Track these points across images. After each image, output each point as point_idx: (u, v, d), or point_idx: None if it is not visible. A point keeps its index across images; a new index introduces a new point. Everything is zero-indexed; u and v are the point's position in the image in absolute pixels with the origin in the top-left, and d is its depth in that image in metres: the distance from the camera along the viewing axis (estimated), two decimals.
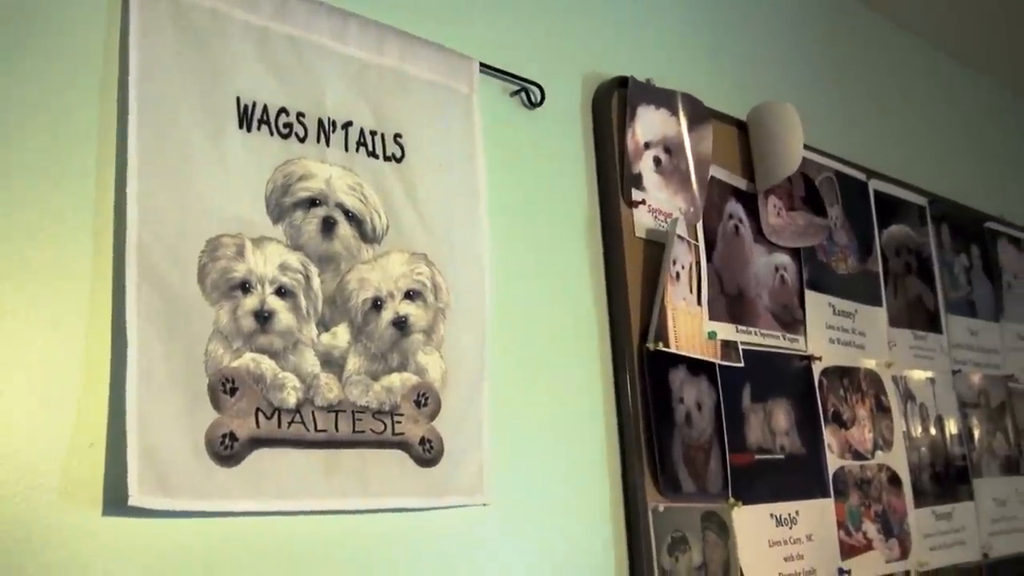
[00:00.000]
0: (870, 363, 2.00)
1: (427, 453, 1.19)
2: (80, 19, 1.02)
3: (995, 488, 2.28)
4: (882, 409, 2.00)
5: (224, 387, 1.03)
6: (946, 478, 2.14)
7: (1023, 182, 2.93)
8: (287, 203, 1.13)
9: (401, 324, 1.20)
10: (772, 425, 1.72)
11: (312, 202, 1.15)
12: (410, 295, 1.22)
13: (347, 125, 1.21)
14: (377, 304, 1.19)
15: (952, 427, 2.20)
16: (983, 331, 2.41)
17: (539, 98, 1.48)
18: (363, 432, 1.14)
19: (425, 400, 1.21)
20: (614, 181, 1.55)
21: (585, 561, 1.39)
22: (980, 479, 2.24)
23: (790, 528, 1.69)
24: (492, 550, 1.27)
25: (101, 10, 1.03)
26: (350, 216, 1.18)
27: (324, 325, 1.14)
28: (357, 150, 1.21)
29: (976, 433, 2.28)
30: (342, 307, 1.16)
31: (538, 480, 1.35)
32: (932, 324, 2.24)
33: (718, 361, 1.63)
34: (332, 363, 1.14)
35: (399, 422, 1.17)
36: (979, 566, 2.15)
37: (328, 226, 1.16)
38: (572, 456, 1.41)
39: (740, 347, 1.69)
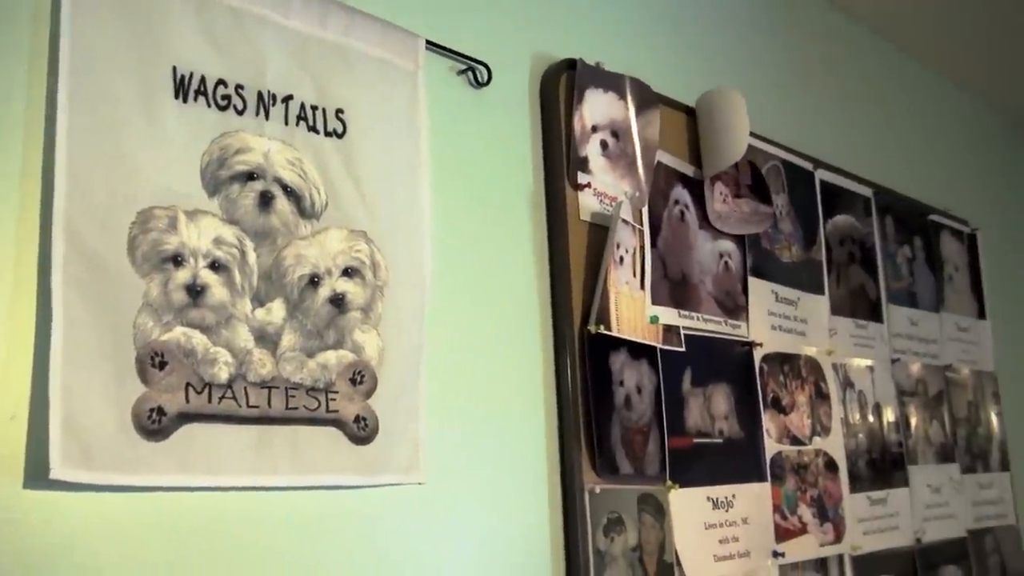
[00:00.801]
0: (811, 350, 2.03)
1: (362, 431, 1.19)
2: None
3: (930, 475, 2.33)
4: (821, 396, 2.03)
5: (153, 361, 1.02)
6: (882, 465, 2.18)
7: (968, 176, 2.98)
8: (223, 176, 1.12)
9: (338, 301, 1.20)
10: (711, 409, 1.74)
11: (249, 176, 1.14)
12: (348, 272, 1.21)
13: (287, 99, 1.20)
14: (314, 281, 1.18)
15: (889, 415, 2.24)
16: (923, 321, 2.46)
17: (486, 78, 1.47)
18: (296, 409, 1.13)
19: (361, 378, 1.20)
20: (560, 163, 1.55)
21: (521, 541, 1.40)
22: (915, 466, 2.29)
23: (726, 511, 1.71)
24: (427, 529, 1.27)
25: None
26: (288, 191, 1.17)
27: (259, 300, 1.13)
28: (297, 124, 1.20)
29: (913, 421, 2.33)
30: (278, 283, 1.15)
31: (475, 460, 1.36)
32: (873, 313, 2.28)
33: (659, 345, 1.65)
34: (266, 339, 1.13)
35: (334, 399, 1.17)
36: (911, 550, 2.20)
37: (265, 201, 1.15)
38: (510, 437, 1.41)
39: (682, 332, 1.71)
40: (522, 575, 1.39)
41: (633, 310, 1.61)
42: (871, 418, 2.18)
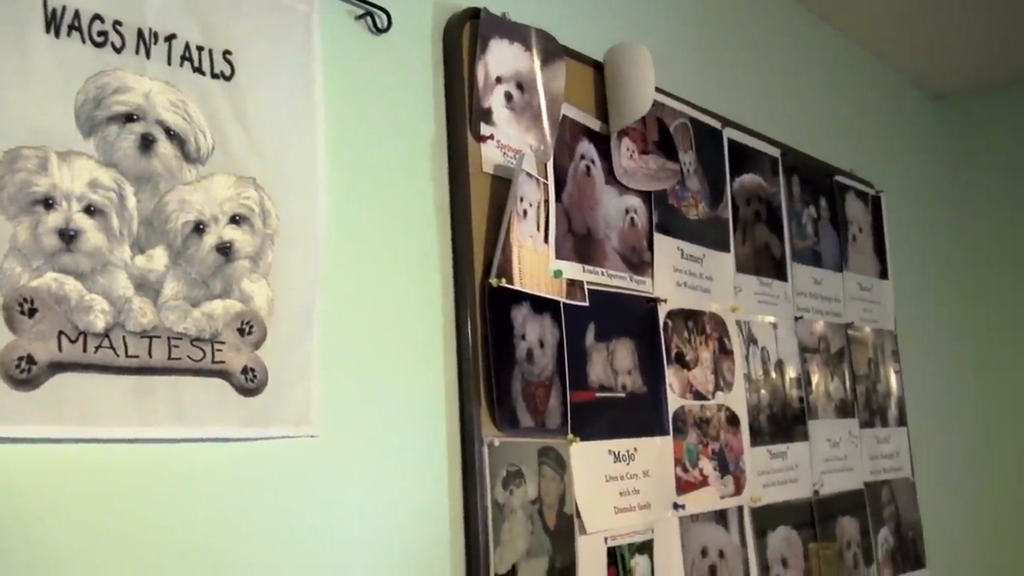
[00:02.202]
0: (715, 307, 2.06)
1: (249, 382, 1.16)
2: None
3: (829, 429, 2.40)
4: (725, 352, 2.06)
5: (22, 308, 0.97)
6: (783, 419, 2.23)
7: (875, 141, 3.05)
8: (100, 117, 1.07)
9: (225, 249, 1.16)
10: (615, 364, 1.75)
11: (128, 117, 1.09)
12: (236, 220, 1.17)
13: (170, 38, 1.15)
14: (199, 228, 1.14)
15: (792, 371, 2.29)
16: (827, 280, 2.51)
17: (386, 24, 1.44)
18: (179, 359, 1.10)
19: (249, 328, 1.17)
20: (462, 114, 1.53)
21: (419, 495, 1.39)
22: (816, 421, 2.35)
23: (627, 464, 1.73)
24: (321, 483, 1.26)
25: None
26: (171, 134, 1.13)
27: (139, 247, 1.09)
28: (181, 65, 1.15)
29: (814, 377, 2.38)
30: (160, 229, 1.11)
31: (371, 413, 1.34)
32: (778, 272, 2.32)
33: (563, 299, 1.65)
34: (147, 287, 1.09)
35: (220, 350, 1.14)
36: (809, 502, 2.26)
37: (146, 143, 1.10)
38: (408, 390, 1.40)
39: (586, 286, 1.71)
40: (420, 528, 1.38)
41: (536, 264, 1.60)
42: (773, 374, 2.23)
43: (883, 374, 2.71)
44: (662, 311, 1.90)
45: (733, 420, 2.05)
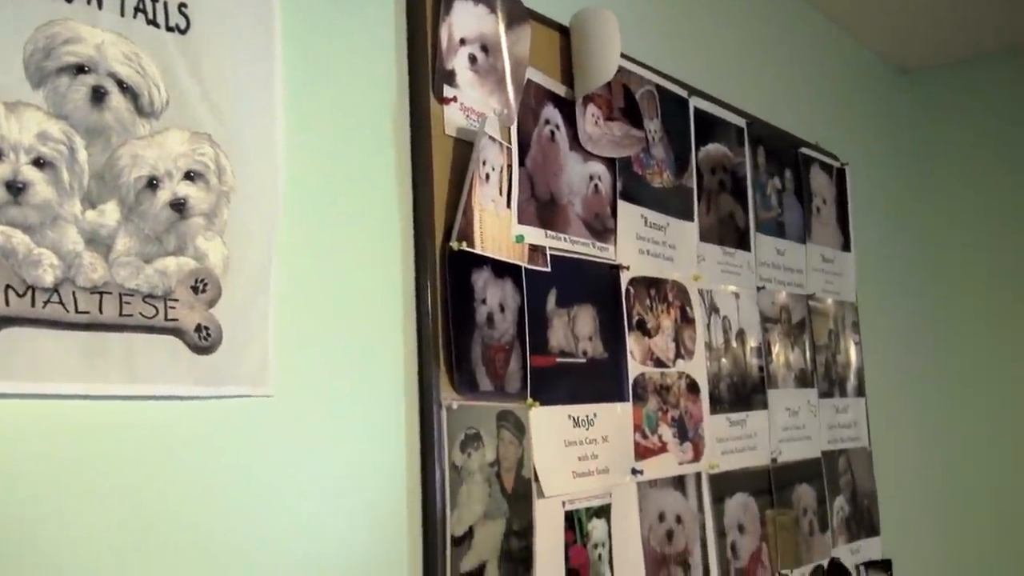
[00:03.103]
0: (678, 275, 2.07)
1: (203, 340, 1.15)
2: None
3: (788, 399, 2.43)
4: (686, 320, 2.07)
5: None
6: (743, 388, 2.25)
7: (841, 113, 3.06)
8: (50, 67, 1.05)
9: (179, 206, 1.14)
10: (576, 330, 1.76)
11: (80, 69, 1.07)
12: (190, 176, 1.16)
13: None
14: (153, 183, 1.12)
15: (753, 340, 2.31)
16: (790, 251, 2.53)
17: None
18: (131, 316, 1.08)
19: (204, 286, 1.16)
20: (425, 76, 1.51)
21: (376, 456, 1.39)
22: (775, 390, 2.37)
23: (587, 429, 1.74)
24: (277, 443, 1.25)
25: None
26: (124, 87, 1.11)
27: (90, 202, 1.07)
28: (135, 16, 1.13)
29: (775, 347, 2.41)
30: (112, 184, 1.09)
31: (329, 374, 1.34)
32: (741, 242, 2.33)
33: (524, 264, 1.64)
34: (98, 242, 1.07)
35: (173, 307, 1.12)
36: (767, 469, 2.29)
37: (98, 96, 1.08)
38: (366, 352, 1.40)
39: (548, 252, 1.71)
40: (376, 490, 1.38)
41: (498, 228, 1.60)
42: (734, 343, 2.24)
43: (843, 345, 2.74)
44: (624, 278, 1.90)
45: (693, 388, 2.06)
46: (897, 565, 2.77)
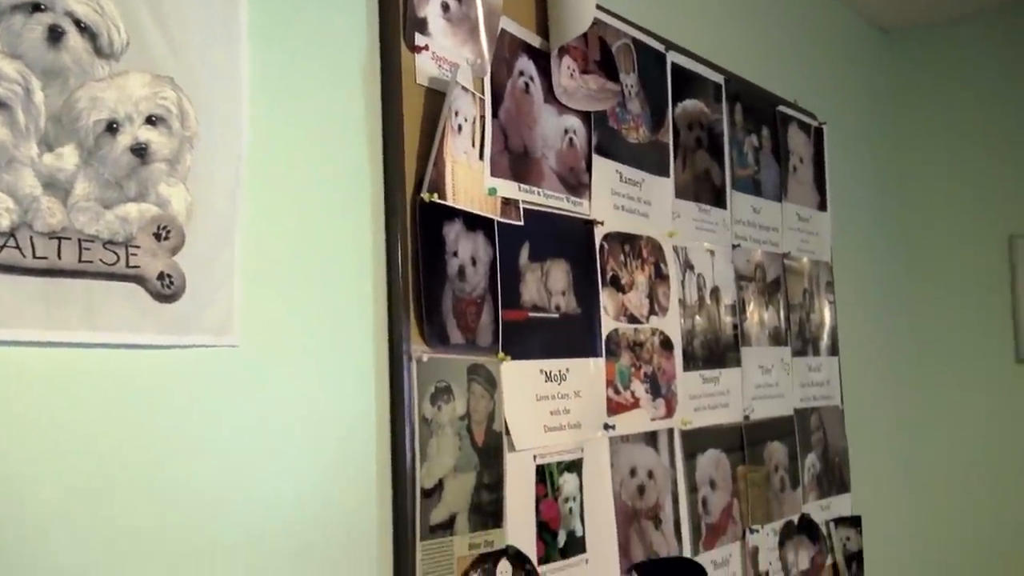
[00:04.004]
0: (653, 232, 2.06)
1: (166, 289, 1.13)
2: None
3: (762, 357, 2.43)
4: (661, 276, 2.07)
5: None
6: (716, 345, 2.25)
7: (820, 72, 3.04)
8: (3, 5, 1.01)
9: (140, 151, 1.12)
10: (549, 284, 1.75)
11: (35, 7, 1.03)
12: (152, 120, 1.13)
13: None
14: (112, 127, 1.10)
15: (727, 298, 2.31)
16: (765, 210, 2.53)
17: None
18: (91, 263, 1.06)
19: (166, 233, 1.14)
20: (396, 24, 1.48)
21: (345, 408, 1.38)
22: (749, 348, 2.38)
23: (559, 384, 1.74)
24: (243, 393, 1.24)
25: None
26: (82, 27, 1.07)
27: (47, 145, 1.04)
28: None
29: (749, 305, 2.41)
30: (70, 127, 1.06)
31: (297, 325, 1.32)
32: (717, 199, 2.32)
33: (497, 218, 1.63)
34: (56, 186, 1.04)
35: (135, 254, 1.10)
36: (739, 426, 2.30)
37: (55, 35, 1.05)
38: (335, 303, 1.38)
39: (521, 206, 1.69)
40: (345, 442, 1.37)
41: (471, 180, 1.58)
42: (709, 301, 2.24)
43: (817, 304, 2.75)
44: (598, 233, 1.89)
45: (667, 344, 2.06)
46: (866, 522, 2.80)
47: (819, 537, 2.58)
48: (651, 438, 1.99)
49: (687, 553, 2.05)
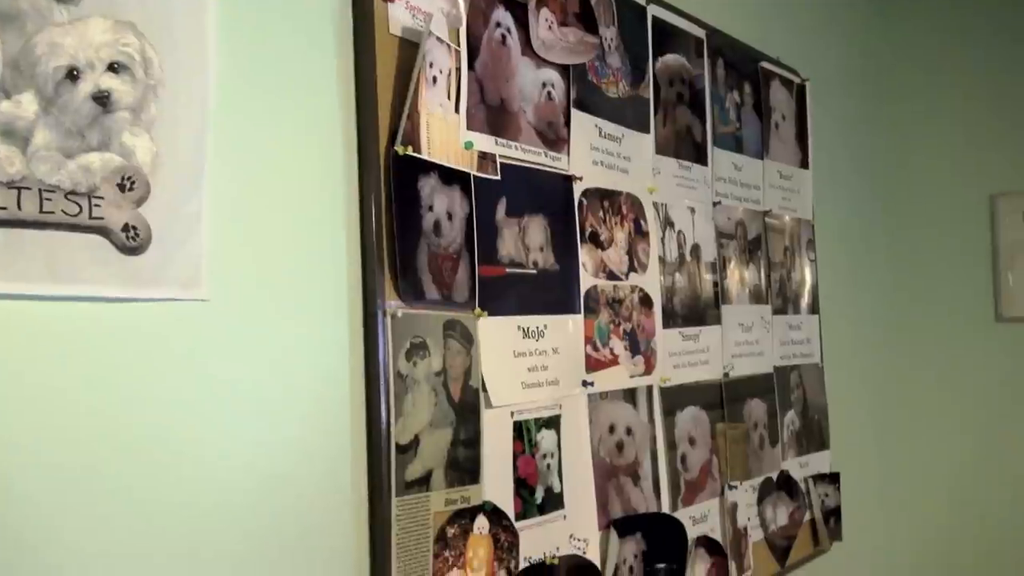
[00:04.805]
0: (633, 188, 2.04)
1: (131, 240, 1.10)
2: None
3: (742, 314, 2.43)
4: (640, 233, 2.05)
5: None
6: (696, 303, 2.25)
7: (802, 26, 3.01)
8: None
9: (102, 99, 1.09)
10: (526, 240, 1.73)
11: None
12: (114, 68, 1.10)
13: None
14: (73, 74, 1.07)
15: (707, 255, 2.30)
16: (747, 167, 2.51)
17: None
18: (53, 213, 1.04)
19: (131, 184, 1.11)
20: None
21: (318, 365, 1.36)
22: (729, 305, 2.38)
23: (536, 340, 1.72)
24: (212, 348, 1.22)
25: None
26: None
27: (4, 91, 1.01)
28: None
29: (730, 263, 2.40)
30: (28, 73, 1.03)
31: (268, 279, 1.30)
32: (698, 155, 2.30)
33: (473, 172, 1.61)
34: (14, 135, 1.01)
35: (98, 206, 1.08)
36: (719, 384, 2.30)
37: None
38: (308, 258, 1.36)
39: (498, 160, 1.67)
40: (319, 399, 1.36)
41: (446, 134, 1.56)
42: (689, 258, 2.23)
43: (798, 262, 2.74)
44: (577, 189, 1.87)
45: (646, 301, 2.05)
46: (844, 479, 2.82)
47: (797, 493, 2.60)
48: (630, 395, 1.98)
49: (666, 509, 2.05)
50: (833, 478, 2.76)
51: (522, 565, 1.64)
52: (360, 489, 1.41)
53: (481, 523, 1.56)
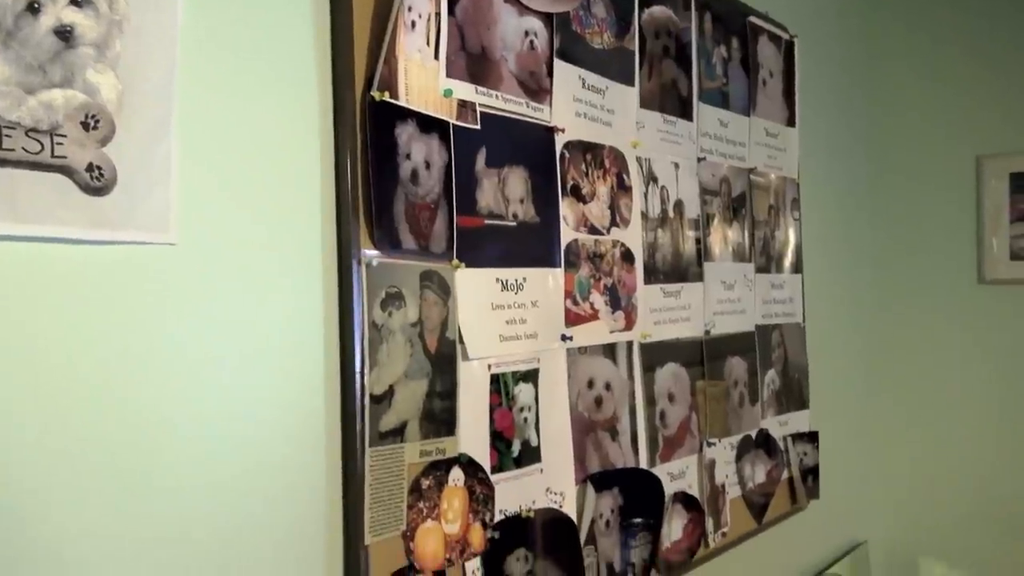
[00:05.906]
0: (616, 141, 2.01)
1: (96, 181, 1.08)
2: None
3: (725, 272, 2.42)
4: (623, 188, 2.03)
5: None
6: (679, 259, 2.23)
7: None
8: None
9: (64, 34, 1.05)
10: (506, 192, 1.70)
11: None
12: (77, 1, 1.06)
13: None
14: (34, 7, 1.03)
15: (691, 212, 2.28)
16: (733, 123, 2.48)
17: None
18: (13, 151, 1.00)
19: (95, 123, 1.08)
20: None
21: (292, 311, 1.34)
22: (712, 263, 2.36)
23: (515, 294, 1.71)
24: (181, 294, 1.19)
25: None
26: None
27: None
28: None
29: (713, 220, 2.38)
30: None
31: (239, 224, 1.27)
32: (683, 110, 2.27)
33: (453, 120, 1.57)
34: None
35: (60, 144, 1.05)
36: (700, 341, 2.30)
37: None
38: (282, 204, 1.33)
39: (478, 109, 1.64)
40: (291, 347, 1.34)
41: (425, 80, 1.52)
42: (672, 214, 2.21)
43: (782, 221, 2.73)
44: (559, 141, 1.84)
45: (628, 257, 2.03)
46: (823, 437, 2.83)
47: (776, 451, 2.61)
48: (609, 350, 1.97)
49: (643, 465, 2.05)
50: (812, 437, 2.77)
51: (497, 518, 1.63)
52: (334, 439, 1.39)
53: (456, 475, 1.55)
